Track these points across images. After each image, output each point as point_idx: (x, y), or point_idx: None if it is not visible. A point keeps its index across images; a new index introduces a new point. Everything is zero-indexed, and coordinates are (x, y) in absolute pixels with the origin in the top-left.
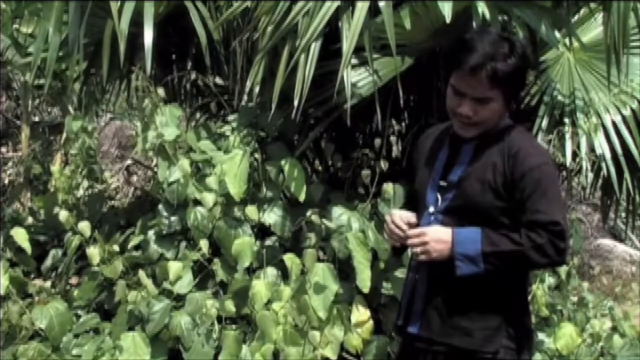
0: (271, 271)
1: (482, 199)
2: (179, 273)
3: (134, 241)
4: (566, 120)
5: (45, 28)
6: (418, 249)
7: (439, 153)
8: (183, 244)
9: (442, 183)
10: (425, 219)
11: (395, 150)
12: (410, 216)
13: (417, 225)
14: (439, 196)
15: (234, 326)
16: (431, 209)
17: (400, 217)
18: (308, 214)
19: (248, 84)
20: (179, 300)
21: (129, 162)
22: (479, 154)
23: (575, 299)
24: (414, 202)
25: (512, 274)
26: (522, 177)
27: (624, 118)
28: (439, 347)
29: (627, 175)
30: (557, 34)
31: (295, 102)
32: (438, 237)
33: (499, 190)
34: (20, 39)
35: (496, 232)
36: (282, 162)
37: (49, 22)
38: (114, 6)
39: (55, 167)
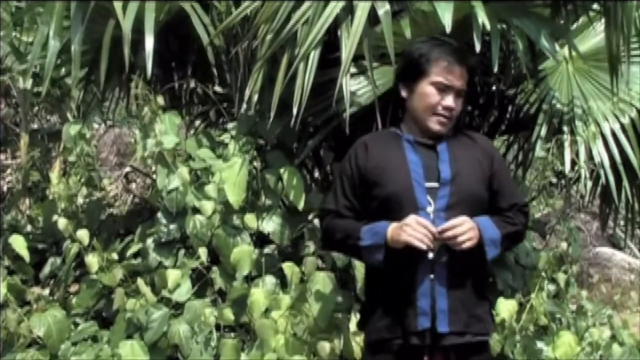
0: (270, 279)
1: (478, 190)
2: (178, 281)
3: (132, 249)
4: (565, 128)
5: (43, 33)
6: (465, 237)
7: (407, 158)
8: (182, 252)
9: (430, 184)
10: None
11: None
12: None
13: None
14: (428, 197)
15: (232, 334)
16: (428, 209)
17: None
18: (310, 217)
19: (247, 92)
20: (177, 308)
21: (127, 169)
22: (455, 153)
23: (574, 307)
24: (382, 208)
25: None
26: (498, 168)
27: (622, 126)
28: (467, 338)
29: (625, 183)
30: (556, 44)
31: (295, 110)
32: (473, 225)
33: (487, 181)
34: (20, 47)
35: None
36: (281, 171)
37: (48, 27)
38: (118, 7)
39: (54, 175)
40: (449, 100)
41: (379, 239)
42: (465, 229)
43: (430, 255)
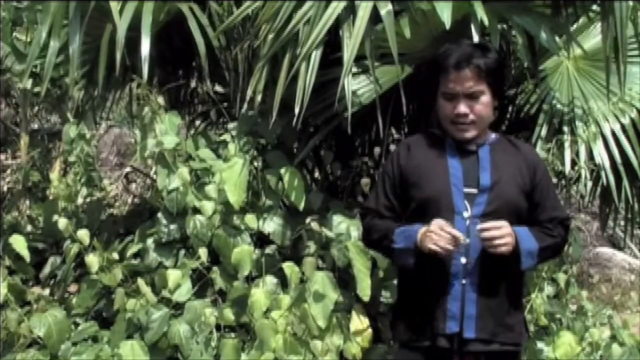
0: (270, 280)
1: (517, 200)
2: (178, 281)
3: (132, 249)
4: (565, 128)
5: (41, 33)
6: (502, 240)
7: (447, 162)
8: (182, 252)
9: (469, 190)
10: (459, 225)
11: None
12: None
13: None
14: (466, 203)
15: (232, 334)
16: (465, 214)
17: (443, 225)
18: (307, 221)
19: (249, 92)
20: (177, 309)
21: (128, 169)
22: (497, 160)
23: (574, 307)
24: (419, 210)
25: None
26: (541, 180)
27: (623, 127)
28: (495, 347)
29: (626, 183)
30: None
31: (296, 110)
32: (511, 231)
33: (527, 192)
34: (20, 47)
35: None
36: (282, 171)
37: (46, 27)
38: (115, 8)
39: (54, 175)
40: (460, 107)
41: (410, 243)
42: (503, 233)
43: (467, 240)
